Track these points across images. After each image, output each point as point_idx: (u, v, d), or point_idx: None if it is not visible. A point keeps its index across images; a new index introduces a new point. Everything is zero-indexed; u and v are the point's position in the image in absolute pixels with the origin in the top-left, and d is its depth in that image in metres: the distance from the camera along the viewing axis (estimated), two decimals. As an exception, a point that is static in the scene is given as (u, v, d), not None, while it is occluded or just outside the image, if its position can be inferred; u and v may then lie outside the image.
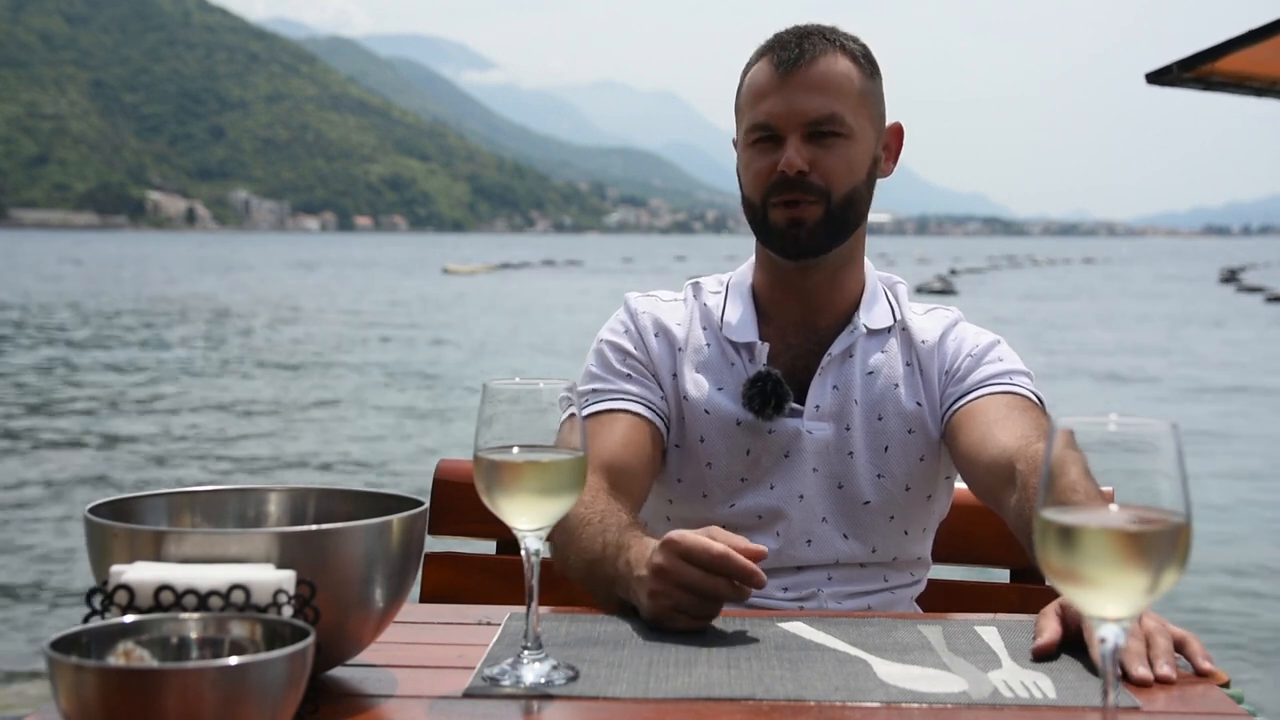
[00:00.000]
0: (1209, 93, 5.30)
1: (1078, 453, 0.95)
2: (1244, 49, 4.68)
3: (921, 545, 1.97)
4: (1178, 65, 4.89)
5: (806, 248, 1.85)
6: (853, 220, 1.87)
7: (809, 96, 1.82)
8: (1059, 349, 23.46)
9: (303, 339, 25.30)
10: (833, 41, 1.87)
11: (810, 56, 1.84)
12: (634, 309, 2.00)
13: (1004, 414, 1.80)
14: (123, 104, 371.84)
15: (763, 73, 1.87)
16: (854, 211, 1.87)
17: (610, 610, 1.59)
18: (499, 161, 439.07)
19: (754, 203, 1.88)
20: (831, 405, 1.90)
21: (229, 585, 1.13)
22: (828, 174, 1.83)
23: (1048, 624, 1.42)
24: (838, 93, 1.83)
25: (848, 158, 1.84)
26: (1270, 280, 57.60)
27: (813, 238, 1.84)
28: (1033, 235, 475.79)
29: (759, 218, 1.88)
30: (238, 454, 12.02)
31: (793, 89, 1.83)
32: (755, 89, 1.87)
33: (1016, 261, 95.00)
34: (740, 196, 1.93)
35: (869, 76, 1.88)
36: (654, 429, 1.90)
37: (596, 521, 1.67)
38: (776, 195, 1.84)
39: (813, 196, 1.83)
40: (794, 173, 1.81)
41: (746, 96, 1.89)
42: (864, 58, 1.89)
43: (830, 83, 1.83)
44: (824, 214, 1.83)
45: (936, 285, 42.03)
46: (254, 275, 59.85)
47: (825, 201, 1.83)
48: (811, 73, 1.83)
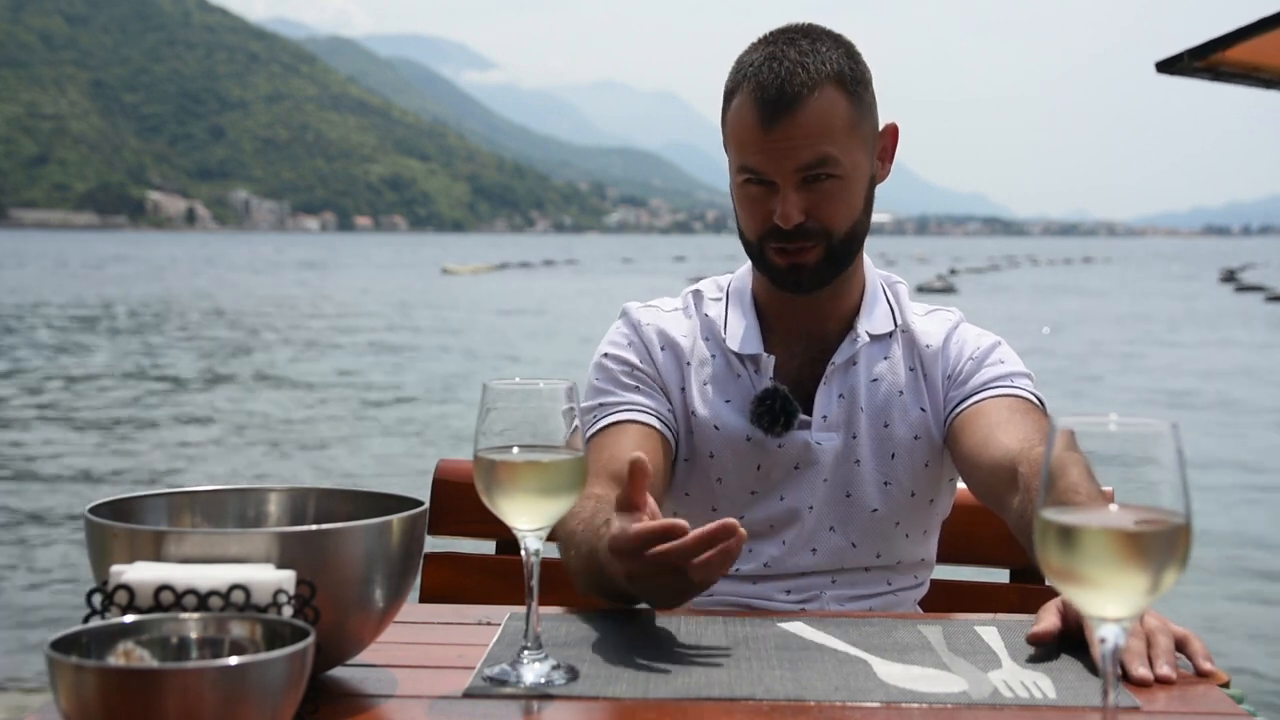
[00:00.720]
0: (1218, 83, 5.30)
1: (1078, 454, 0.95)
2: (1254, 38, 4.67)
3: (925, 548, 1.97)
4: (1188, 54, 4.89)
5: (809, 286, 1.83)
6: (854, 249, 1.85)
7: (796, 147, 1.74)
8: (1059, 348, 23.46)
9: (303, 339, 25.29)
10: (815, 74, 1.74)
11: (793, 105, 1.73)
12: (636, 320, 1.96)
13: (1006, 417, 1.80)
14: (123, 104, 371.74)
15: (745, 117, 1.77)
16: (855, 243, 1.84)
17: (614, 601, 1.58)
18: (499, 161, 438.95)
19: (750, 241, 1.84)
20: (838, 414, 1.89)
21: (229, 585, 1.13)
22: (826, 218, 1.78)
23: (1047, 616, 1.42)
24: (827, 134, 1.74)
25: (844, 196, 1.78)
26: (1270, 280, 57.56)
27: (814, 278, 1.82)
28: (1033, 235, 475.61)
29: (756, 254, 1.85)
30: (238, 454, 12.02)
31: (778, 140, 1.74)
32: (739, 134, 1.79)
33: (1016, 261, 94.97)
34: (736, 223, 1.88)
35: (857, 99, 1.78)
36: (665, 441, 1.87)
37: (587, 516, 1.65)
38: (774, 242, 1.80)
39: (812, 241, 1.79)
40: (790, 226, 1.77)
41: (732, 135, 1.81)
42: (850, 76, 1.78)
43: (818, 126, 1.74)
44: (825, 253, 1.80)
45: (937, 285, 42.07)
46: (253, 275, 59.82)
47: (826, 241, 1.80)
48: (797, 119, 1.73)
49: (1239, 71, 5.09)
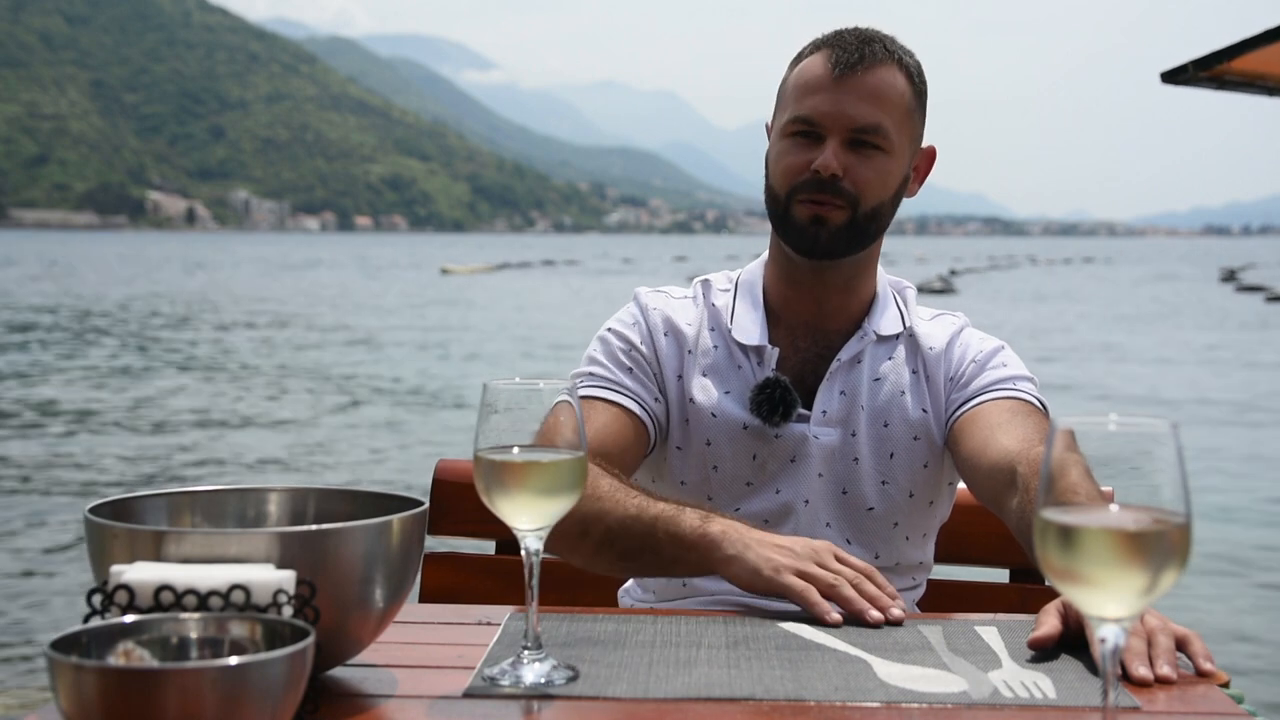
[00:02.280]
0: (1222, 91, 5.32)
1: (1078, 454, 0.95)
2: (1259, 49, 4.70)
3: (923, 550, 1.98)
4: (1193, 65, 4.91)
5: (825, 248, 1.84)
6: (874, 232, 1.87)
7: (859, 103, 1.80)
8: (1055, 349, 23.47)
9: (302, 340, 25.30)
10: (892, 53, 1.84)
11: (869, 63, 1.81)
12: (645, 304, 1.98)
13: (1006, 419, 1.80)
14: (123, 104, 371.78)
15: (816, 67, 1.84)
16: (877, 224, 1.86)
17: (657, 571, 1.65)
18: (499, 161, 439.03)
19: (779, 195, 1.86)
20: (838, 411, 1.89)
21: (229, 585, 1.12)
22: (860, 183, 1.81)
23: (1047, 619, 1.42)
24: (887, 105, 1.81)
25: (883, 171, 1.82)
26: (1270, 280, 57.57)
27: (833, 240, 1.83)
28: (1033, 235, 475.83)
29: (781, 210, 1.86)
30: (237, 455, 12.02)
31: (844, 91, 1.81)
32: (805, 82, 1.84)
33: (1016, 261, 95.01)
34: (765, 185, 1.90)
35: (917, 97, 1.87)
36: (640, 427, 1.89)
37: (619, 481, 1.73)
38: (805, 193, 1.82)
39: (840, 201, 1.81)
40: (828, 174, 1.80)
41: (794, 87, 1.86)
42: (918, 77, 1.88)
43: (882, 93, 1.81)
44: (848, 220, 1.82)
45: (937, 285, 42.08)
46: (253, 275, 59.84)
47: (852, 208, 1.82)
48: (866, 80, 1.81)
49: (1243, 80, 5.11)
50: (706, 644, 1.42)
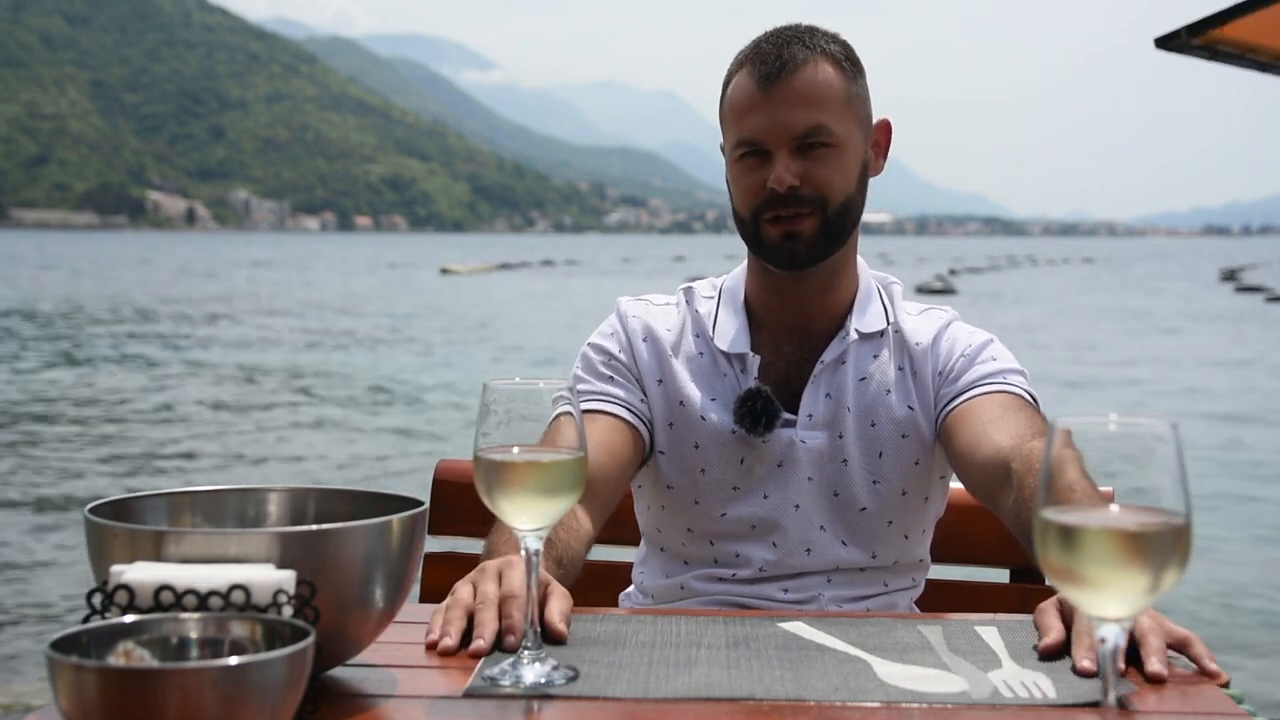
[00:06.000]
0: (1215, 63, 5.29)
1: (1075, 451, 0.95)
2: (1253, 13, 4.66)
3: (921, 547, 1.97)
4: (1186, 30, 4.89)
5: (804, 259, 1.84)
6: (848, 227, 1.86)
7: (792, 110, 1.79)
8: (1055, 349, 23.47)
9: (302, 340, 25.30)
10: (812, 48, 1.82)
11: (791, 68, 1.80)
12: (625, 313, 1.99)
13: (998, 414, 1.80)
14: (123, 104, 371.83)
15: (744, 86, 1.83)
16: (849, 219, 1.86)
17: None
18: (499, 161, 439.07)
19: (745, 218, 1.86)
20: (824, 413, 1.89)
21: (229, 585, 1.12)
22: (820, 184, 1.81)
23: (1052, 623, 1.41)
24: (822, 103, 1.80)
25: (839, 165, 1.81)
26: (1270, 280, 57.56)
27: (810, 249, 1.83)
28: (1033, 235, 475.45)
29: (751, 232, 1.86)
30: (236, 454, 12.02)
31: (776, 103, 1.79)
32: (737, 104, 1.84)
33: (1016, 261, 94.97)
34: (731, 209, 1.90)
35: (852, 79, 1.84)
36: (633, 433, 1.89)
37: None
38: (769, 211, 1.82)
39: (807, 208, 1.81)
40: (785, 189, 1.79)
41: (729, 111, 1.86)
42: (846, 59, 1.85)
43: (813, 93, 1.79)
44: (821, 224, 1.82)
45: (936, 285, 42.06)
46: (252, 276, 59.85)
47: (821, 212, 1.81)
48: (794, 85, 1.79)
49: (1236, 52, 5.08)
50: (706, 644, 1.42)
